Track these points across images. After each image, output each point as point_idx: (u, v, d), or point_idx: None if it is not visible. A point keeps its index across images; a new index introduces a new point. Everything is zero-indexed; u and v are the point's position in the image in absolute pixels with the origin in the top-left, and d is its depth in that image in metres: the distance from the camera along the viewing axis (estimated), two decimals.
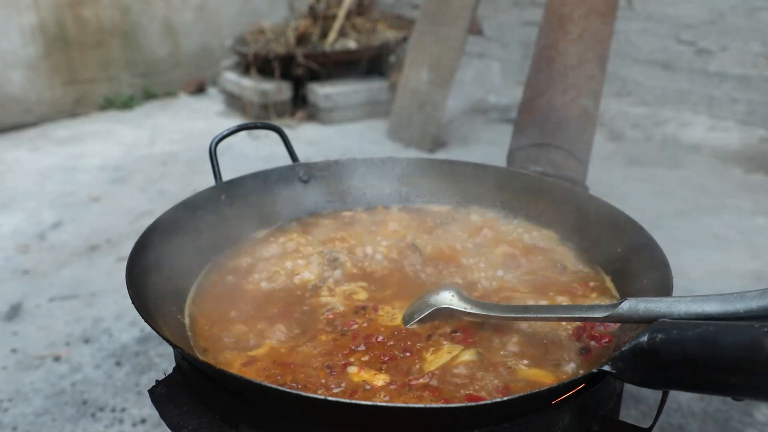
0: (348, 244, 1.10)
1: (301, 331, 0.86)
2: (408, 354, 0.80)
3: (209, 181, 1.11)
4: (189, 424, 0.71)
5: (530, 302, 0.91)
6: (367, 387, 0.74)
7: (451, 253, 1.07)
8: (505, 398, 0.63)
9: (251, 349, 0.83)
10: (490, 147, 3.14)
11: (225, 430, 0.70)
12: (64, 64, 3.97)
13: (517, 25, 3.91)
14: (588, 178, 1.57)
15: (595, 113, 1.58)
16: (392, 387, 0.73)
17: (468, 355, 0.79)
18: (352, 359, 0.79)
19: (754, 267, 2.00)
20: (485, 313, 0.83)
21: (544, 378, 0.75)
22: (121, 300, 1.91)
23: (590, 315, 0.74)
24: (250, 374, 0.77)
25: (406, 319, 0.87)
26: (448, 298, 0.86)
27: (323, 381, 0.75)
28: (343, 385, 0.74)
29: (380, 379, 0.75)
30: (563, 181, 1.16)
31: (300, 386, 0.74)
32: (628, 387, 0.78)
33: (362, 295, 0.95)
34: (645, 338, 0.61)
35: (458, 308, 0.85)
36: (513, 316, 0.82)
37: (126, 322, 1.81)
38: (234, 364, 0.80)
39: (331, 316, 0.89)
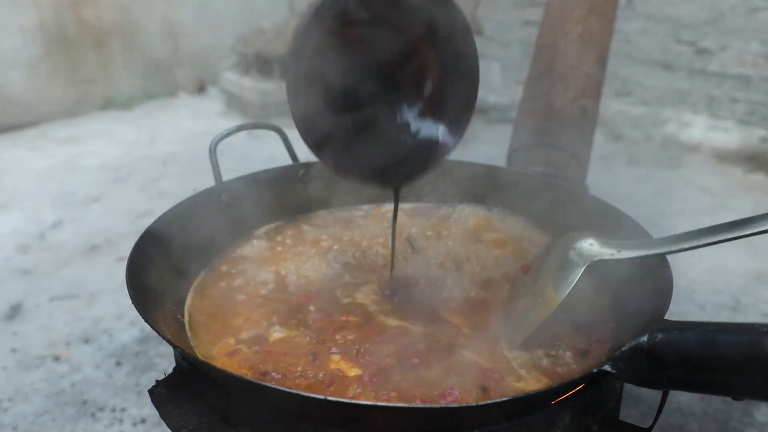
0: (349, 244, 1.10)
1: (301, 330, 0.86)
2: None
3: (209, 181, 1.11)
4: (189, 424, 0.71)
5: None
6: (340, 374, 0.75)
7: (452, 253, 1.07)
8: (505, 398, 0.63)
9: (248, 346, 0.83)
10: (490, 147, 3.13)
11: (225, 430, 0.70)
12: (64, 64, 3.97)
13: (517, 25, 3.91)
14: (588, 178, 1.57)
15: (595, 113, 1.58)
16: (365, 379, 0.74)
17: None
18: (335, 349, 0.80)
19: (754, 267, 2.00)
20: (648, 252, 0.73)
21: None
22: (121, 300, 1.91)
23: None
24: (233, 365, 0.78)
25: (559, 291, 0.72)
26: (594, 249, 0.73)
27: (300, 369, 0.76)
28: (321, 375, 0.75)
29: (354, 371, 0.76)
30: (563, 181, 1.16)
31: (280, 375, 0.75)
32: (628, 387, 0.78)
33: (364, 296, 0.95)
34: (645, 338, 0.61)
35: (615, 257, 0.73)
36: (678, 248, 0.71)
37: (126, 322, 1.81)
38: (220, 355, 0.80)
39: (332, 317, 0.89)
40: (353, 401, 0.62)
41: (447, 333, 0.84)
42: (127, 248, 0.88)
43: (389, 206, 1.25)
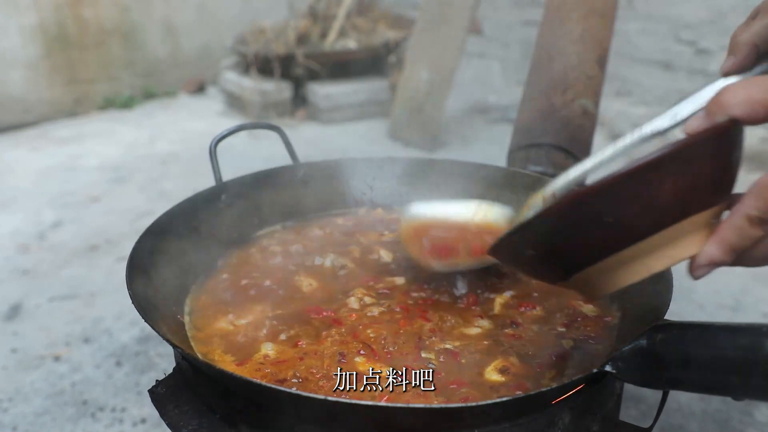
0: (351, 244, 1.10)
1: (302, 332, 0.86)
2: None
3: (209, 181, 1.11)
4: (189, 424, 0.71)
5: (537, 310, 0.91)
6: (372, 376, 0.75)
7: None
8: (505, 398, 0.63)
9: (248, 347, 0.83)
10: (490, 147, 3.13)
11: (225, 430, 0.70)
12: (64, 64, 3.97)
13: (517, 25, 3.91)
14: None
15: (595, 113, 1.57)
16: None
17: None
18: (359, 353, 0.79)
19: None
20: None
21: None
22: (121, 300, 1.91)
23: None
24: (244, 372, 0.77)
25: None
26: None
27: (324, 371, 0.76)
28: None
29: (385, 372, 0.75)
30: None
31: (301, 380, 0.74)
32: (628, 387, 0.78)
33: (367, 297, 0.95)
34: (645, 338, 0.61)
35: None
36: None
37: (126, 322, 1.81)
38: (228, 361, 0.80)
39: (335, 317, 0.89)
40: (353, 401, 0.62)
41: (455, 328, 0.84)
42: (127, 248, 0.88)
43: (389, 207, 1.25)
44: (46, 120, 3.92)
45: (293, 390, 0.64)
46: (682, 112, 0.70)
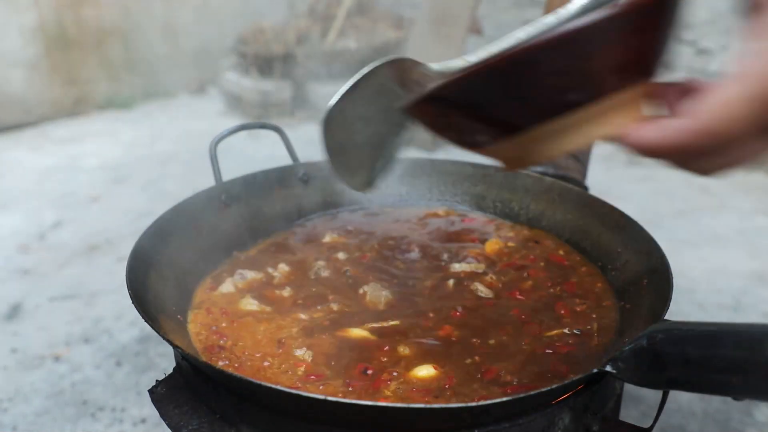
0: (354, 244, 1.10)
1: (305, 332, 0.86)
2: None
3: (209, 181, 1.11)
4: (189, 424, 0.71)
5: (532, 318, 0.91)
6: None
7: (457, 257, 1.07)
8: (505, 398, 0.63)
9: (251, 347, 0.83)
10: None
11: (225, 430, 0.70)
12: (64, 64, 3.97)
13: (517, 25, 3.91)
14: (588, 178, 1.57)
15: None
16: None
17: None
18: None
19: (754, 267, 2.00)
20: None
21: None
22: (121, 300, 1.91)
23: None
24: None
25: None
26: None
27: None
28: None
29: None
30: (563, 181, 1.16)
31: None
32: (628, 387, 0.78)
33: (373, 298, 0.94)
34: (645, 338, 0.61)
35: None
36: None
37: (126, 322, 1.81)
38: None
39: (348, 318, 0.89)
40: (353, 401, 0.62)
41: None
42: (127, 248, 0.88)
43: (389, 207, 1.25)
44: (46, 120, 3.92)
45: (293, 390, 0.64)
46: None
